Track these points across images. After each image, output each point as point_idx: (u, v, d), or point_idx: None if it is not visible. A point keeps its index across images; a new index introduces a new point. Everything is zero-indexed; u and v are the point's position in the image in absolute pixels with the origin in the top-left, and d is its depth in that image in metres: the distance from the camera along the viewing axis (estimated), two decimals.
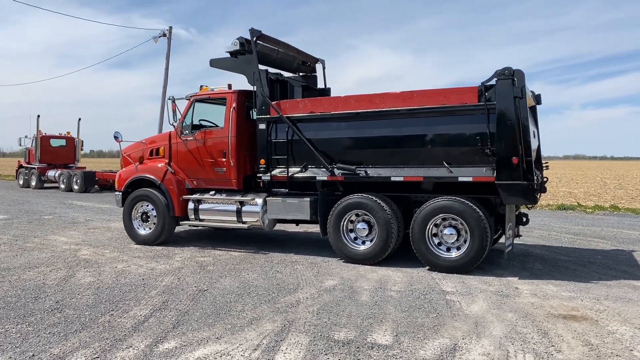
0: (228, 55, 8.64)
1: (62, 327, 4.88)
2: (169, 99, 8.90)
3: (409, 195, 7.76)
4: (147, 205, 9.43)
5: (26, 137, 27.06)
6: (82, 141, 28.17)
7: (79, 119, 27.98)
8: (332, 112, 7.89)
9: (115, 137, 9.74)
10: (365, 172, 7.73)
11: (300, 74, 10.38)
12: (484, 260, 7.70)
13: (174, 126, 9.13)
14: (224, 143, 8.79)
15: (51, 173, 25.05)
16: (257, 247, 9.22)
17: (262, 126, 8.44)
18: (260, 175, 8.52)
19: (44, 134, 26.29)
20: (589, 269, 7.52)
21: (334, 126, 7.95)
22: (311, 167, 8.13)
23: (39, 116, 26.21)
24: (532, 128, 7.70)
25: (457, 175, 7.17)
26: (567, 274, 7.18)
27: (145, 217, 9.48)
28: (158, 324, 4.97)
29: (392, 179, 7.57)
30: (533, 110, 8.69)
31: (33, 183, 25.80)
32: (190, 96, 9.28)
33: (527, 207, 8.38)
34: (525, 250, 8.99)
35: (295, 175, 8.26)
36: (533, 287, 6.48)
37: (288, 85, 9.36)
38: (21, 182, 26.89)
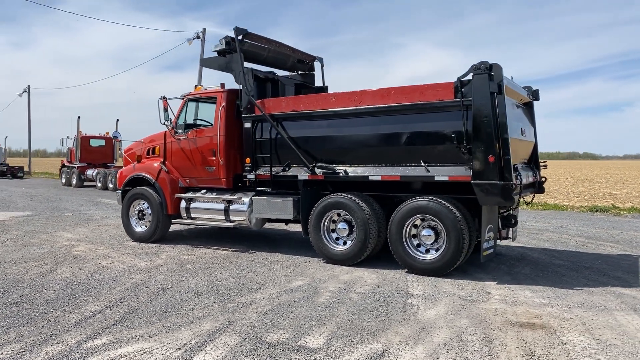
0: (216, 54, 8.67)
1: (10, 320, 5.02)
2: (160, 99, 9.03)
3: (392, 195, 7.56)
4: (143, 204, 9.61)
5: (68, 137, 28.29)
6: (121, 141, 29.15)
7: (117, 120, 28.97)
8: (312, 110, 7.79)
9: (115, 137, 10.14)
10: (345, 171, 7.59)
11: (299, 72, 10.33)
12: (469, 263, 7.43)
13: (166, 125, 9.26)
14: (213, 142, 8.84)
15: (90, 172, 26.03)
16: (247, 246, 9.22)
17: (248, 125, 8.43)
18: (246, 174, 8.52)
19: (84, 135, 27.37)
20: (580, 275, 7.08)
21: (315, 124, 7.84)
22: (294, 166, 8.06)
23: (79, 117, 27.33)
24: (520, 125, 7.37)
25: (433, 175, 6.93)
26: (552, 280, 6.79)
27: (141, 215, 9.67)
28: (101, 321, 5.03)
29: (370, 178, 7.39)
30: (529, 106, 8.28)
31: (74, 182, 26.90)
32: (184, 96, 9.39)
33: (539, 208, 7.99)
34: (522, 254, 8.58)
35: (278, 174, 8.21)
36: (507, 292, 6.16)
37: (279, 83, 9.31)
38: (63, 181, 28.12)
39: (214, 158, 8.86)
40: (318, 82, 10.32)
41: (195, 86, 9.48)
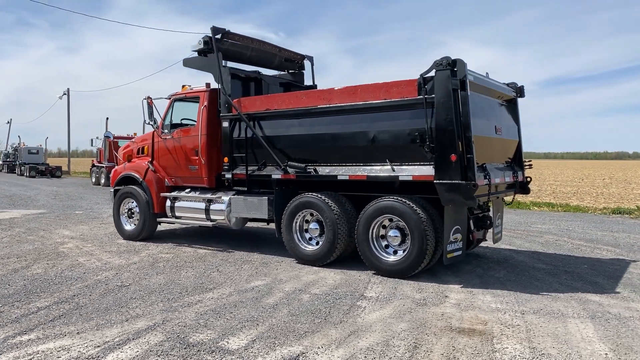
0: (196, 54, 8.72)
1: None
2: (145, 98, 9.15)
3: (366, 195, 7.40)
4: (132, 202, 9.78)
5: (97, 138, 29.15)
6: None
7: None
8: (284, 109, 7.73)
9: (107, 137, 10.22)
10: (315, 170, 7.49)
11: (289, 71, 10.29)
12: (445, 266, 7.19)
13: (151, 125, 9.38)
14: (196, 141, 8.90)
15: None
16: (230, 245, 9.24)
17: (225, 124, 8.44)
18: (224, 173, 8.54)
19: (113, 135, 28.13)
20: (555, 279, 6.76)
21: (287, 123, 7.78)
22: (269, 166, 8.02)
23: (107, 119, 28.12)
24: (494, 123, 7.10)
25: (398, 174, 6.75)
26: (522, 284, 6.50)
27: (130, 214, 9.84)
28: (42, 316, 5.12)
29: (339, 177, 7.27)
30: (512, 103, 7.97)
31: (102, 181, 27.67)
32: (171, 95, 9.50)
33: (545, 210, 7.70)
34: (507, 256, 8.27)
35: (254, 173, 8.19)
36: (466, 296, 5.93)
37: (263, 82, 9.29)
38: (93, 180, 28.99)
39: (196, 157, 8.92)
40: (309, 81, 10.26)
41: (183, 86, 9.56)
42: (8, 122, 58.45)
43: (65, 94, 47.17)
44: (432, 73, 6.34)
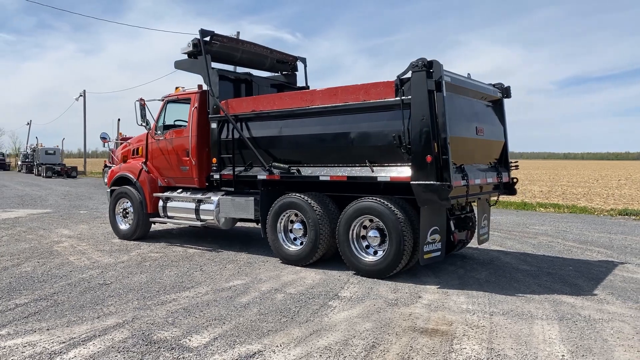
0: (187, 56, 8.85)
1: None
2: (137, 101, 9.31)
3: (349, 196, 7.43)
4: (127, 202, 9.95)
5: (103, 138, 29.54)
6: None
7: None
8: (269, 110, 7.81)
9: (103, 138, 10.41)
10: (298, 170, 7.56)
11: (282, 72, 10.37)
12: (427, 266, 7.21)
13: (144, 127, 9.53)
14: (187, 142, 9.02)
15: None
16: (221, 245, 9.34)
17: (214, 125, 8.56)
18: (213, 174, 8.65)
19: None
20: (535, 281, 6.73)
21: (272, 124, 7.85)
22: (255, 167, 8.11)
23: (119, 120, 28.62)
24: (475, 124, 7.08)
25: (377, 175, 6.78)
26: (500, 285, 6.49)
27: (125, 213, 10.02)
28: (18, 313, 5.27)
29: (321, 178, 7.33)
30: (498, 104, 7.94)
31: None
32: (164, 97, 9.65)
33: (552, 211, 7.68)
34: (493, 258, 8.25)
35: (240, 174, 8.29)
36: (439, 297, 5.94)
37: (253, 84, 9.39)
38: (105, 180, 29.38)
39: (187, 158, 9.04)
40: (302, 82, 10.33)
41: (176, 87, 9.70)
42: (28, 123, 59.60)
43: (81, 95, 47.98)
44: (409, 74, 6.37)
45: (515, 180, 8.06)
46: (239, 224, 9.94)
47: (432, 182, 6.18)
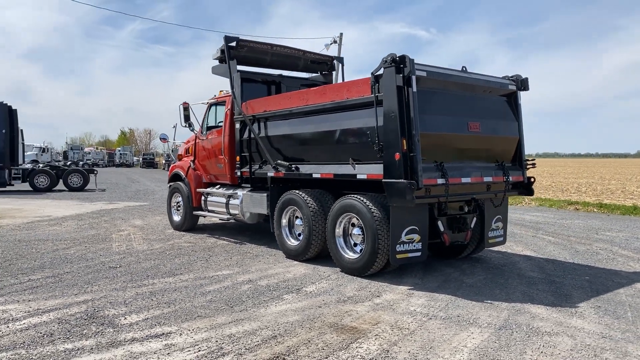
0: (218, 62, 9.50)
1: None
2: (181, 105, 10.20)
3: (344, 193, 7.51)
4: (179, 197, 10.93)
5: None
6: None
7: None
8: (275, 110, 8.14)
9: (162, 139, 11.50)
10: (297, 168, 7.79)
11: (322, 72, 10.63)
12: (424, 266, 7.05)
13: (189, 129, 10.41)
14: (221, 142, 9.70)
15: None
16: (252, 239, 9.85)
17: (237, 126, 9.10)
18: (236, 171, 9.20)
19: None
20: (525, 289, 6.23)
21: (278, 124, 8.17)
22: (267, 164, 8.49)
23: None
24: (467, 119, 6.73)
25: (356, 173, 6.78)
26: (480, 291, 6.14)
27: (177, 207, 11.01)
28: (24, 285, 6.22)
29: (313, 175, 7.49)
30: (512, 97, 7.41)
31: None
32: (209, 101, 10.44)
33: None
34: (509, 262, 7.72)
35: (255, 171, 8.73)
36: (397, 297, 5.82)
37: (282, 85, 9.77)
38: None
39: (222, 156, 9.71)
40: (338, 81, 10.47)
41: (220, 91, 10.43)
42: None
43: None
44: (381, 71, 6.28)
45: (532, 179, 7.45)
46: None
47: (399, 180, 6.04)
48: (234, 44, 9.14)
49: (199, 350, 4.26)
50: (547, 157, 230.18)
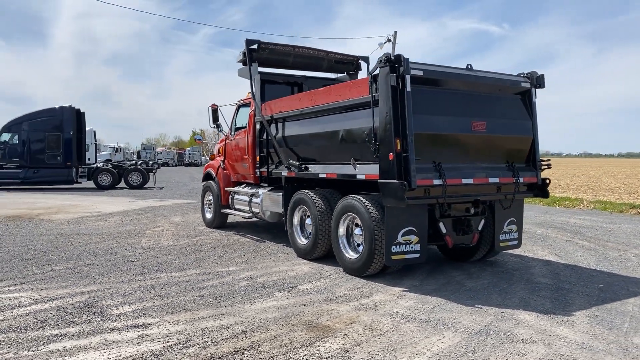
0: (242, 64, 9.76)
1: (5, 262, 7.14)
2: (209, 107, 10.57)
3: (350, 193, 7.51)
4: (210, 195, 11.33)
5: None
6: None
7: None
8: (286, 111, 8.27)
9: (197, 139, 11.97)
10: (306, 168, 7.88)
11: (348, 72, 10.66)
12: (429, 268, 6.96)
13: (216, 130, 10.76)
14: (246, 142, 9.97)
15: None
16: (274, 237, 10.04)
17: (258, 126, 9.32)
18: (257, 170, 9.42)
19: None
20: (526, 295, 5.99)
21: (290, 125, 8.30)
22: (282, 164, 8.64)
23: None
24: (470, 119, 6.57)
25: (356, 173, 6.78)
26: (476, 295, 5.97)
27: (209, 205, 11.41)
28: (45, 275, 6.73)
29: (320, 175, 7.56)
30: (526, 95, 7.13)
31: None
32: (237, 102, 10.76)
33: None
34: (524, 267, 7.43)
35: (272, 171, 8.90)
36: (385, 299, 5.78)
37: (304, 86, 9.88)
38: None
39: (246, 156, 9.98)
40: None
41: (248, 92, 10.70)
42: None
43: None
44: (377, 71, 6.25)
45: (547, 181, 7.13)
46: None
47: (392, 181, 5.99)
48: (255, 46, 9.36)
49: (168, 342, 4.46)
50: (632, 157, 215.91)
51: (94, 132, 36.40)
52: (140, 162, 51.18)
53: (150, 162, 62.19)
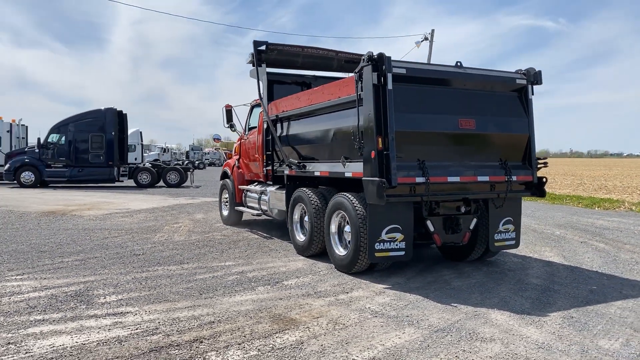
0: (251, 65, 9.98)
1: (23, 254, 7.64)
2: (224, 107, 10.86)
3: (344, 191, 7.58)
4: (226, 193, 11.64)
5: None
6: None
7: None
8: (288, 111, 8.43)
9: (216, 139, 12.29)
10: (304, 166, 8.01)
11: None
12: (423, 266, 6.97)
13: (231, 130, 11.05)
14: (256, 141, 10.21)
15: None
16: (280, 234, 10.19)
17: (265, 126, 9.53)
18: (264, 168, 9.63)
19: None
20: (510, 295, 5.90)
21: (291, 123, 8.47)
22: (284, 163, 8.80)
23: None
24: (457, 117, 6.53)
25: (344, 171, 6.86)
26: (457, 295, 5.94)
27: (225, 202, 11.73)
28: (53, 265, 7.16)
29: (315, 173, 7.67)
30: (522, 92, 7.01)
31: None
32: (251, 102, 11.02)
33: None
34: (520, 267, 7.29)
35: (277, 169, 9.09)
36: (363, 294, 5.84)
37: (312, 85, 10.00)
38: None
39: (257, 155, 10.22)
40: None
41: None
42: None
43: None
44: (362, 69, 6.31)
45: (544, 180, 6.96)
46: None
47: (373, 179, 6.04)
48: (263, 47, 9.56)
49: (137, 329, 4.70)
50: None
51: (140, 132, 37.86)
52: (187, 162, 52.79)
53: (197, 162, 64.08)
